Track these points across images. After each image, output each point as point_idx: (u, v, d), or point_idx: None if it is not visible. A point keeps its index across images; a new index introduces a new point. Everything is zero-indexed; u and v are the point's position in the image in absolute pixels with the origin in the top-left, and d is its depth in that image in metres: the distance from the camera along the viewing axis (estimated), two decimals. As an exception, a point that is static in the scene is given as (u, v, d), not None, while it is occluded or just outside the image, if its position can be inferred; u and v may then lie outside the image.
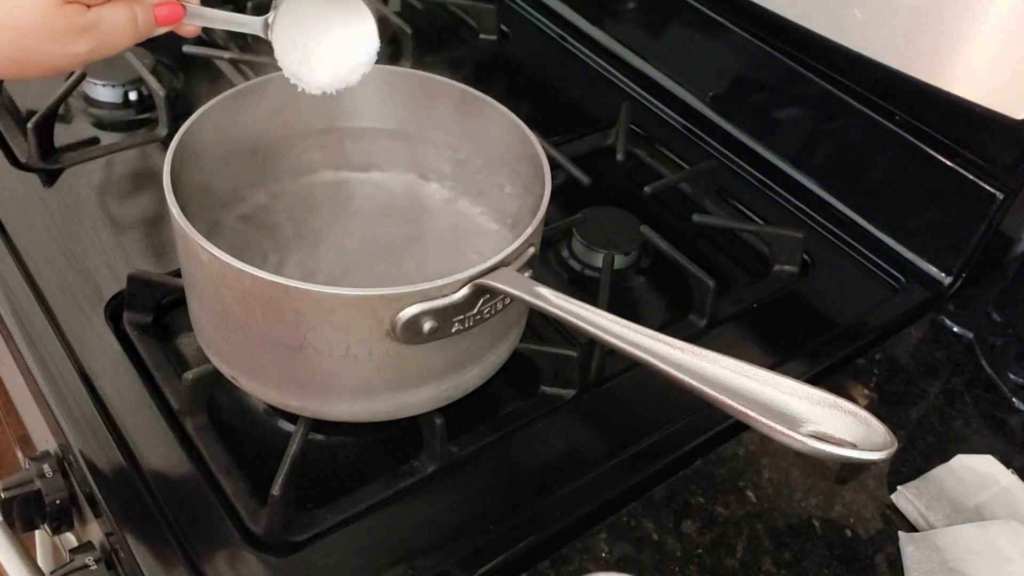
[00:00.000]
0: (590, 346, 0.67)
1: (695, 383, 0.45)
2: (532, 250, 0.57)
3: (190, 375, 0.61)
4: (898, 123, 0.78)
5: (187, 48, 0.90)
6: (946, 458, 0.62)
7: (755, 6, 0.80)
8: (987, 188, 0.73)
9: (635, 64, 0.99)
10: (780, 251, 0.78)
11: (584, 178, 0.82)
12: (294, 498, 0.56)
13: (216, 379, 0.61)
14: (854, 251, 0.81)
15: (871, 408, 0.44)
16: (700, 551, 0.56)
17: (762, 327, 0.73)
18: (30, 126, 0.79)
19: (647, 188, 0.82)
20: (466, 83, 0.68)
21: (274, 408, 0.63)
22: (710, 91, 0.92)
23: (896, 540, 0.58)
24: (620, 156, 0.89)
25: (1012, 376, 0.69)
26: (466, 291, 0.53)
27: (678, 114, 0.94)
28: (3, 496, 0.62)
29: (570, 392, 0.66)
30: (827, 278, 0.79)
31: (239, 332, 0.55)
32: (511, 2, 1.08)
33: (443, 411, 0.60)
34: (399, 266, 0.67)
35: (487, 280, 0.53)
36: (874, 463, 0.56)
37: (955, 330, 0.73)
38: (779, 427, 0.43)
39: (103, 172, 0.81)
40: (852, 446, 0.43)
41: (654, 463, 0.61)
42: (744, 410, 0.44)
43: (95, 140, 0.85)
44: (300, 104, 0.66)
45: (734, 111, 0.91)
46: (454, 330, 0.55)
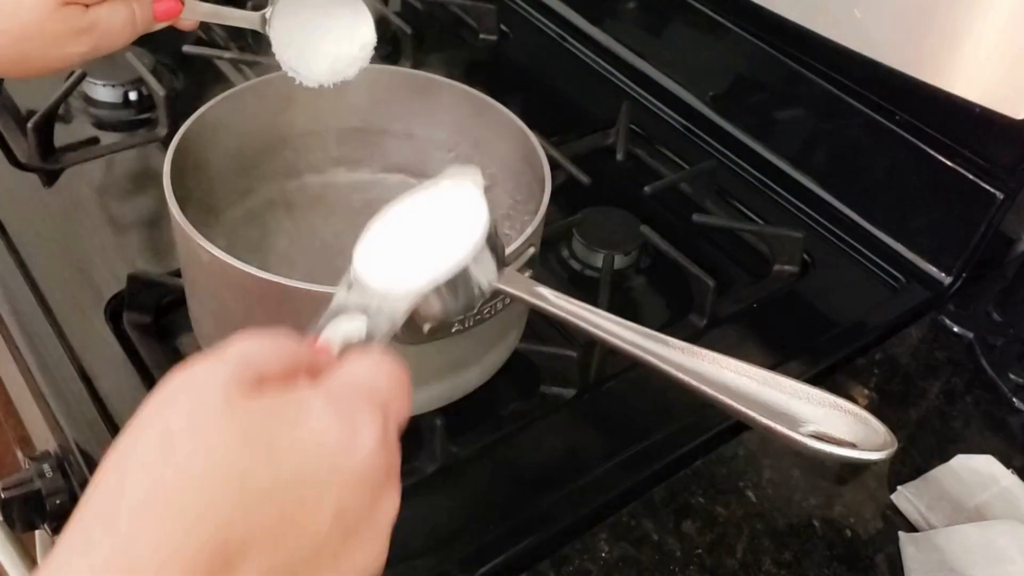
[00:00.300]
0: (590, 346, 0.67)
1: (695, 383, 0.45)
2: (532, 250, 0.57)
3: (190, 375, 0.61)
4: (898, 123, 0.78)
5: (187, 48, 0.90)
6: (946, 458, 0.62)
7: (755, 6, 0.80)
8: (987, 188, 0.73)
9: (635, 64, 0.98)
10: (780, 251, 0.78)
11: (584, 178, 0.82)
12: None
13: (216, 379, 0.61)
14: (854, 251, 0.81)
15: (871, 408, 0.44)
16: (700, 551, 0.56)
17: (762, 327, 0.73)
18: (30, 126, 0.79)
19: (647, 188, 0.82)
20: (466, 83, 0.68)
21: (274, 408, 0.63)
22: (710, 91, 0.92)
23: (896, 540, 0.57)
24: (620, 156, 0.89)
25: (1012, 376, 0.69)
26: (466, 291, 0.53)
27: (678, 114, 0.94)
28: (3, 496, 0.62)
29: (570, 392, 0.66)
30: (827, 278, 0.78)
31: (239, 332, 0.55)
32: (511, 2, 1.08)
33: (443, 411, 0.60)
34: (399, 266, 0.67)
35: (487, 280, 0.53)
36: (874, 463, 0.56)
37: (955, 330, 0.73)
38: (779, 427, 0.43)
39: (103, 172, 0.81)
40: (852, 446, 0.43)
41: (654, 463, 0.61)
42: (744, 410, 0.44)
43: (95, 140, 0.85)
44: (300, 104, 0.66)
45: (734, 111, 0.91)
46: (454, 330, 0.55)
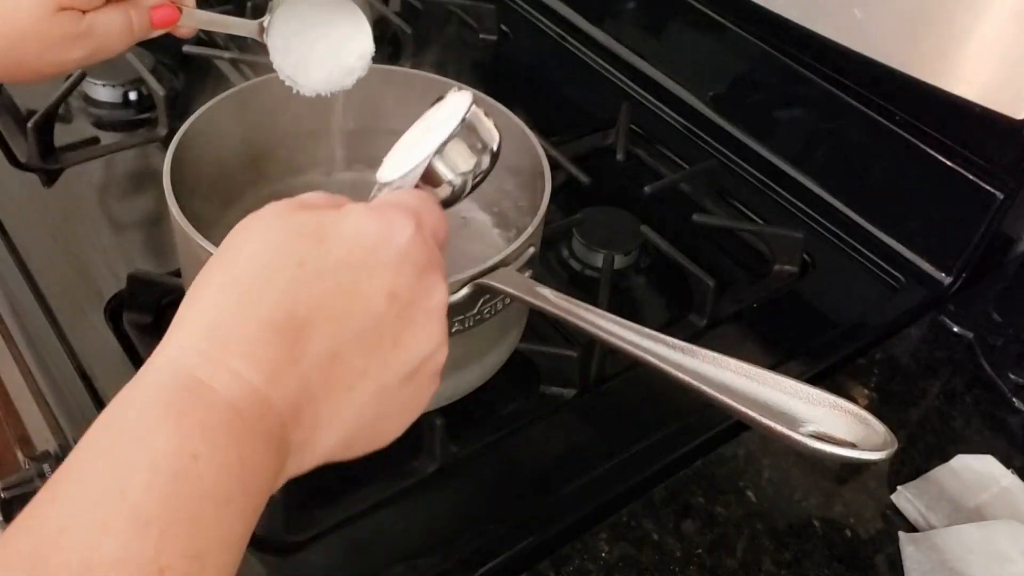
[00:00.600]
0: (590, 346, 0.67)
1: (695, 383, 0.45)
2: (532, 250, 0.57)
3: (190, 375, 0.61)
4: (898, 123, 0.78)
5: (187, 48, 0.90)
6: (946, 458, 0.62)
7: (756, 6, 0.80)
8: (987, 188, 0.73)
9: (635, 64, 0.98)
10: (780, 251, 0.78)
11: (584, 178, 0.82)
12: (294, 498, 0.56)
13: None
14: (854, 251, 0.81)
15: (871, 408, 0.44)
16: (700, 551, 0.56)
17: (762, 327, 0.73)
18: (30, 126, 0.79)
19: (647, 188, 0.82)
20: (466, 83, 0.68)
21: (274, 408, 0.63)
22: (710, 91, 0.92)
23: (896, 540, 0.57)
24: (620, 156, 0.89)
25: (1012, 376, 0.69)
26: (466, 291, 0.53)
27: (678, 114, 0.94)
28: (3, 496, 0.62)
29: (570, 392, 0.66)
30: (827, 278, 0.78)
31: (239, 332, 0.55)
32: (511, 2, 1.08)
33: (443, 411, 0.60)
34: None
35: (487, 280, 0.53)
36: (874, 463, 0.56)
37: (955, 330, 0.73)
38: (779, 427, 0.43)
39: (103, 172, 0.81)
40: (852, 446, 0.43)
41: (654, 463, 0.61)
42: (744, 410, 0.44)
43: (95, 140, 0.85)
44: (300, 104, 0.66)
45: (734, 111, 0.91)
46: (454, 330, 0.55)
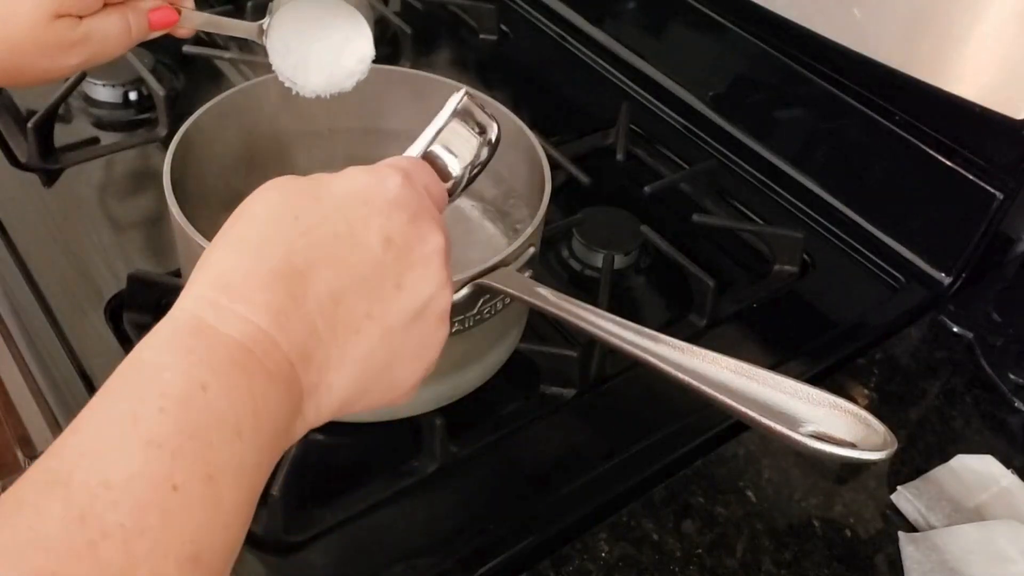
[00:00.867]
0: (590, 346, 0.67)
1: (695, 383, 0.45)
2: (532, 250, 0.57)
3: (190, 375, 0.61)
4: (898, 123, 0.78)
5: (187, 48, 0.90)
6: (946, 458, 0.62)
7: (755, 6, 0.80)
8: (987, 188, 0.73)
9: (635, 64, 0.98)
10: (780, 251, 0.78)
11: (584, 178, 0.82)
12: (294, 498, 0.56)
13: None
14: (854, 251, 0.81)
15: (871, 408, 0.44)
16: (700, 551, 0.56)
17: (762, 327, 0.73)
18: (30, 126, 0.79)
19: (647, 188, 0.82)
20: (466, 83, 0.68)
21: (274, 408, 0.63)
22: (710, 91, 0.92)
23: (896, 540, 0.57)
24: (620, 156, 0.89)
25: (1012, 376, 0.69)
26: (466, 291, 0.53)
27: (678, 114, 0.94)
28: (3, 496, 0.62)
29: (570, 392, 0.66)
30: (827, 278, 0.78)
31: (239, 332, 0.55)
32: (511, 2, 1.08)
33: (443, 411, 0.60)
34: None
35: (487, 280, 0.53)
36: (874, 463, 0.56)
37: (955, 330, 0.73)
38: (779, 427, 0.43)
39: (103, 172, 0.81)
40: (852, 446, 0.43)
41: (654, 463, 0.61)
42: (744, 410, 0.44)
43: (95, 140, 0.85)
44: (300, 104, 0.66)
45: (734, 111, 0.91)
46: (454, 330, 0.55)
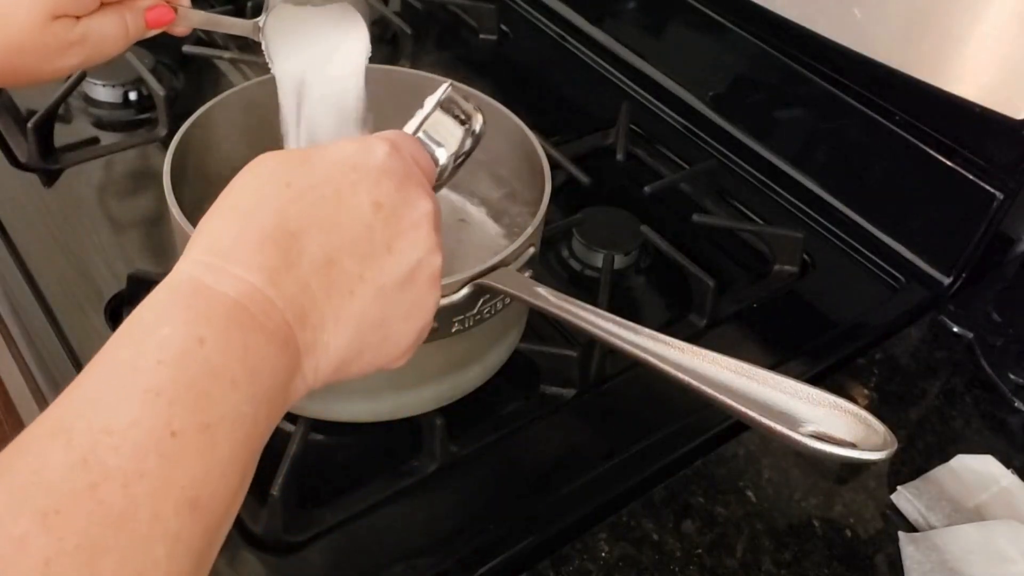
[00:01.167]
0: (590, 346, 0.67)
1: (695, 383, 0.45)
2: (532, 250, 0.57)
3: (190, 375, 0.61)
4: (898, 123, 0.78)
5: (187, 48, 0.90)
6: (946, 458, 0.62)
7: (755, 6, 0.80)
8: (987, 188, 0.73)
9: (635, 64, 0.98)
10: (780, 251, 0.78)
11: (584, 178, 0.82)
12: (294, 498, 0.56)
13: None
14: (854, 251, 0.81)
15: (871, 408, 0.44)
16: (700, 551, 0.56)
17: (762, 327, 0.73)
18: (30, 126, 0.79)
19: (647, 188, 0.82)
20: (465, 83, 0.68)
21: (274, 408, 0.63)
22: (710, 91, 0.92)
23: (896, 540, 0.57)
24: (620, 156, 0.89)
25: (1012, 376, 0.69)
26: (466, 291, 0.53)
27: (678, 114, 0.94)
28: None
29: (570, 392, 0.66)
30: (827, 278, 0.78)
31: (239, 332, 0.55)
32: (511, 2, 1.08)
33: (443, 411, 0.60)
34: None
35: (487, 280, 0.53)
36: (874, 463, 0.56)
37: (955, 330, 0.73)
38: (779, 427, 0.43)
39: (103, 172, 0.81)
40: (852, 446, 0.43)
41: (654, 463, 0.61)
42: (744, 410, 0.44)
43: (95, 140, 0.85)
44: (300, 104, 0.66)
45: (734, 111, 0.91)
46: (454, 330, 0.55)
